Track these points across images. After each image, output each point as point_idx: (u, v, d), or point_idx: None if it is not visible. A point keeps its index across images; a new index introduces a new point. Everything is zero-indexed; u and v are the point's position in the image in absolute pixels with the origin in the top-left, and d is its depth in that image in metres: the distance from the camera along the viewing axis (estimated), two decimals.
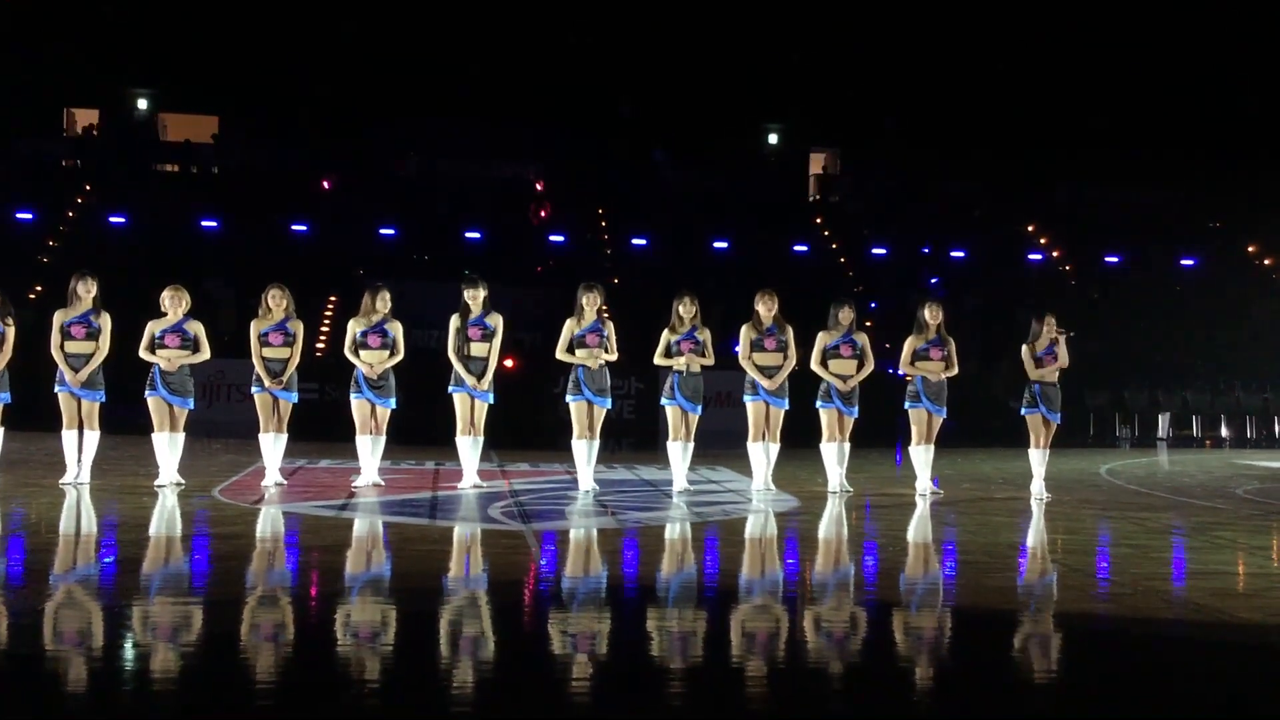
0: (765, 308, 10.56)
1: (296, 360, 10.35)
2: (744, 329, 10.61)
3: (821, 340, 10.60)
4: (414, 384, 12.09)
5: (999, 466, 13.93)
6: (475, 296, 10.35)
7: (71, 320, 10.04)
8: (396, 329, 10.43)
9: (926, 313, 10.67)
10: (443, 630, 5.52)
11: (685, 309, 10.49)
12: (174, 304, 10.14)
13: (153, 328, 10.12)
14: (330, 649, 5.15)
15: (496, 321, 10.38)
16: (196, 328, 10.19)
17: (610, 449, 11.68)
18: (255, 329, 10.32)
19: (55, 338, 10.02)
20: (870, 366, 10.65)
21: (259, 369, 10.29)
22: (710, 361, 10.55)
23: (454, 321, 10.34)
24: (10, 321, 10.08)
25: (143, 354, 10.10)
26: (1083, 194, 30.46)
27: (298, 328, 10.39)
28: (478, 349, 10.31)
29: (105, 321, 10.08)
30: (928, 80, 30.24)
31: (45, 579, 6.44)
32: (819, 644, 5.46)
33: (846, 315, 10.60)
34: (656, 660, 5.06)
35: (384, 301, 10.41)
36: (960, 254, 28.36)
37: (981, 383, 21.49)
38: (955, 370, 10.66)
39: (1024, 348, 10.72)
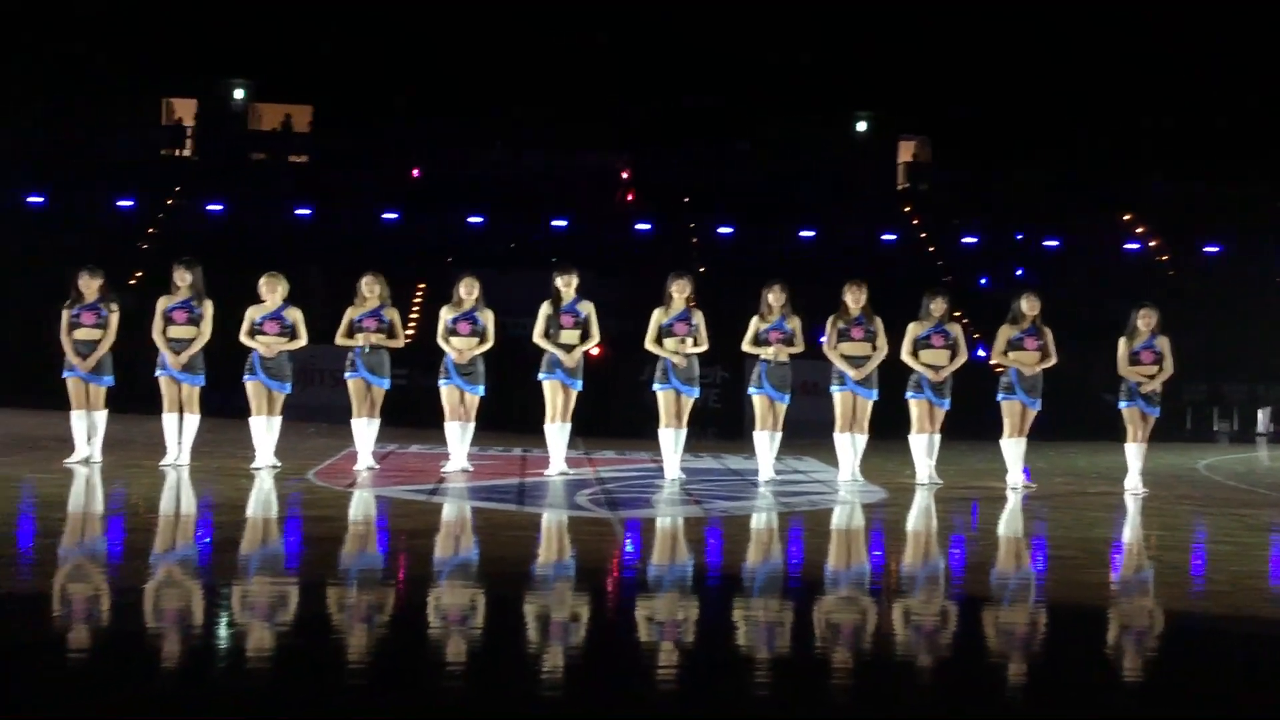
0: (853, 298, 10.46)
1: (397, 345, 10.51)
2: (830, 319, 10.53)
3: (912, 330, 10.47)
4: (502, 371, 12.19)
5: (1093, 461, 13.66)
6: (568, 283, 10.41)
7: (173, 306, 10.29)
8: (487, 317, 10.54)
9: (1024, 303, 10.47)
10: (530, 615, 5.57)
11: (775, 297, 10.44)
12: (271, 291, 10.34)
13: (252, 314, 10.34)
14: (420, 632, 5.23)
15: (588, 309, 10.42)
16: (294, 314, 10.39)
17: (695, 437, 11.67)
18: (349, 316, 10.49)
19: (157, 323, 10.27)
20: (963, 357, 10.50)
21: (350, 355, 10.46)
22: (799, 349, 10.50)
23: (544, 308, 10.41)
24: (114, 307, 10.36)
25: (243, 338, 10.32)
26: (1181, 183, 29.68)
27: (393, 315, 10.54)
28: (568, 336, 10.37)
29: (207, 308, 10.31)
30: (1021, 65, 29.68)
31: (145, 558, 6.62)
32: (906, 638, 5.41)
33: (939, 305, 10.46)
34: (741, 649, 5.06)
35: (469, 290, 10.50)
36: (1054, 243, 27.84)
37: (1075, 374, 21.06)
38: (1053, 360, 10.46)
39: (1121, 341, 10.49)
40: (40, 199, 25.06)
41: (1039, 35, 29.44)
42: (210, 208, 25.78)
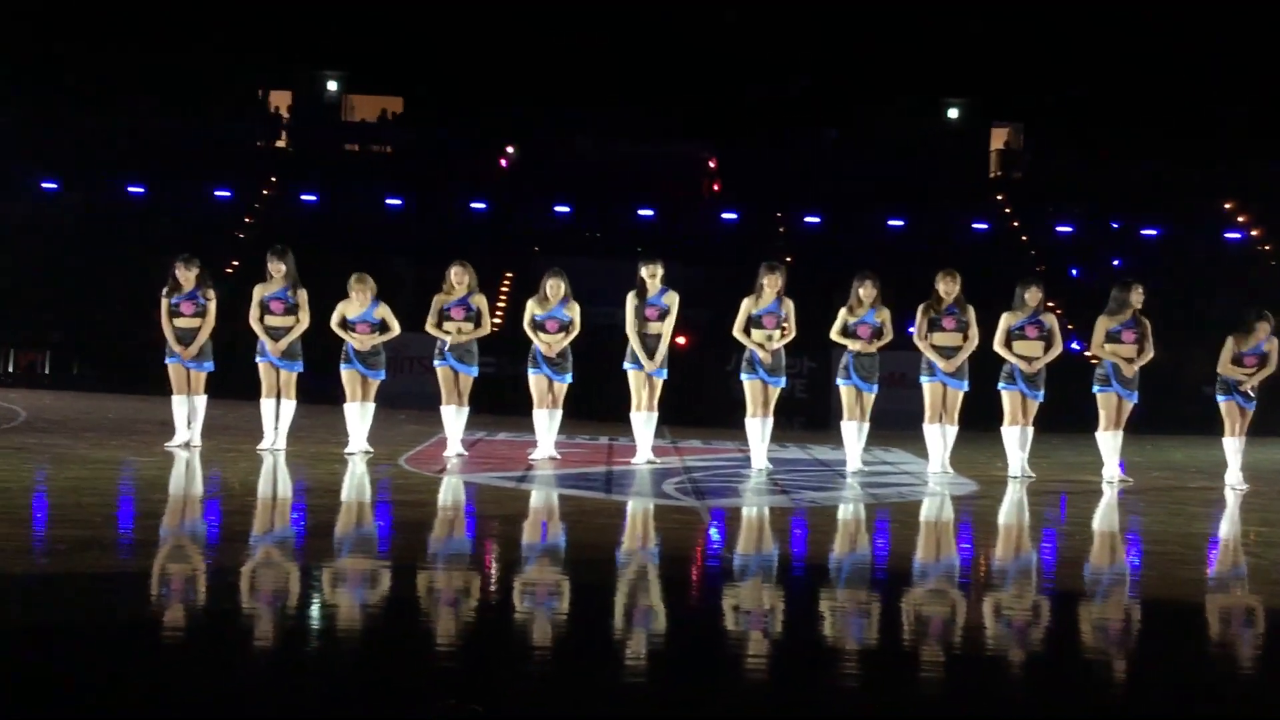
0: (945, 287, 10.32)
1: (483, 333, 10.61)
2: (921, 308, 10.40)
3: (1006, 321, 10.29)
4: (588, 360, 12.25)
5: (1191, 455, 13.34)
6: (654, 274, 10.41)
7: (270, 296, 10.51)
8: (574, 310, 10.59)
9: (1132, 294, 10.21)
10: (618, 602, 5.60)
11: (865, 292, 10.35)
12: (360, 293, 10.49)
13: (344, 310, 10.51)
14: (508, 616, 5.28)
15: (672, 300, 10.42)
16: (383, 312, 10.55)
17: (782, 428, 11.62)
18: (437, 304, 10.62)
19: (254, 311, 10.50)
20: (1058, 349, 10.30)
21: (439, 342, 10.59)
22: (889, 339, 10.41)
23: (630, 299, 10.42)
24: (210, 295, 10.61)
25: (334, 328, 10.52)
26: None
27: (480, 303, 10.64)
28: (654, 327, 10.37)
29: (302, 297, 10.51)
30: (1116, 50, 28.99)
31: (244, 540, 6.78)
32: (997, 631, 5.34)
33: (1034, 295, 10.26)
34: (828, 640, 5.03)
35: (555, 290, 10.54)
36: (1152, 232, 27.18)
37: (1172, 367, 20.56)
38: (1150, 355, 10.22)
39: (1229, 339, 10.22)
40: (141, 189, 25.73)
41: (1135, 17, 28.73)
42: (305, 198, 26.26)
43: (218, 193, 26.20)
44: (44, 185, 25.53)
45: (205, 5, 27.59)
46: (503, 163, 28.70)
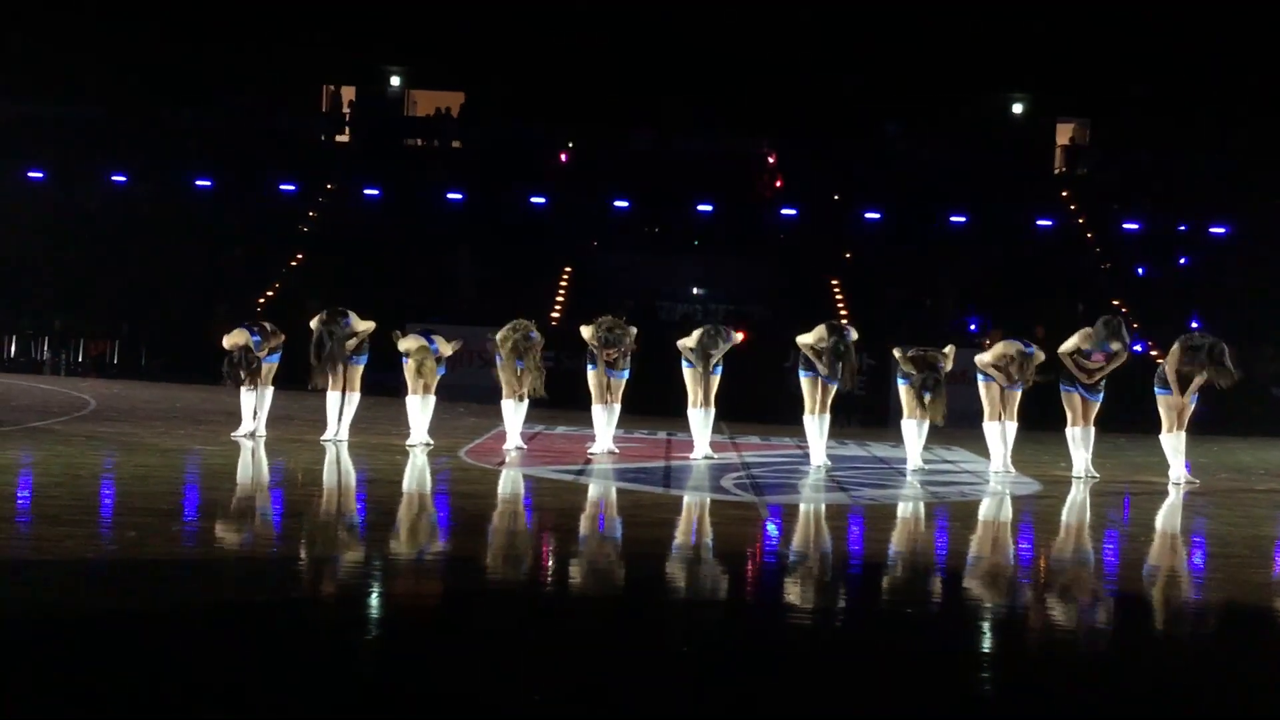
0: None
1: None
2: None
3: (1078, 341, 10.15)
4: (647, 356, 12.28)
5: (1259, 456, 13.09)
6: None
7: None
8: (630, 335, 10.68)
9: (1115, 341, 10.07)
10: (672, 594, 5.62)
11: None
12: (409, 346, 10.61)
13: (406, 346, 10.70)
14: (562, 604, 5.32)
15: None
16: (440, 343, 10.70)
17: (839, 424, 11.57)
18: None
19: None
20: (1122, 359, 10.19)
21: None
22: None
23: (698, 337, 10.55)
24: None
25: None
26: None
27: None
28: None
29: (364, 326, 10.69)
30: (1185, 43, 28.45)
31: (306, 528, 6.88)
32: (1058, 632, 5.29)
33: (1115, 344, 10.05)
34: (880, 638, 5.02)
35: (615, 335, 10.61)
36: (1221, 230, 26.67)
37: (1240, 367, 20.18)
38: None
39: None
40: (208, 183, 26.13)
41: (1203, 13, 28.18)
42: (367, 192, 26.52)
43: (282, 187, 26.52)
44: (114, 178, 26.01)
45: (270, 1, 27.94)
46: (562, 156, 28.79)
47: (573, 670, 4.34)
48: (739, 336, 10.93)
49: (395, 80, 30.18)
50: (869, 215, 26.85)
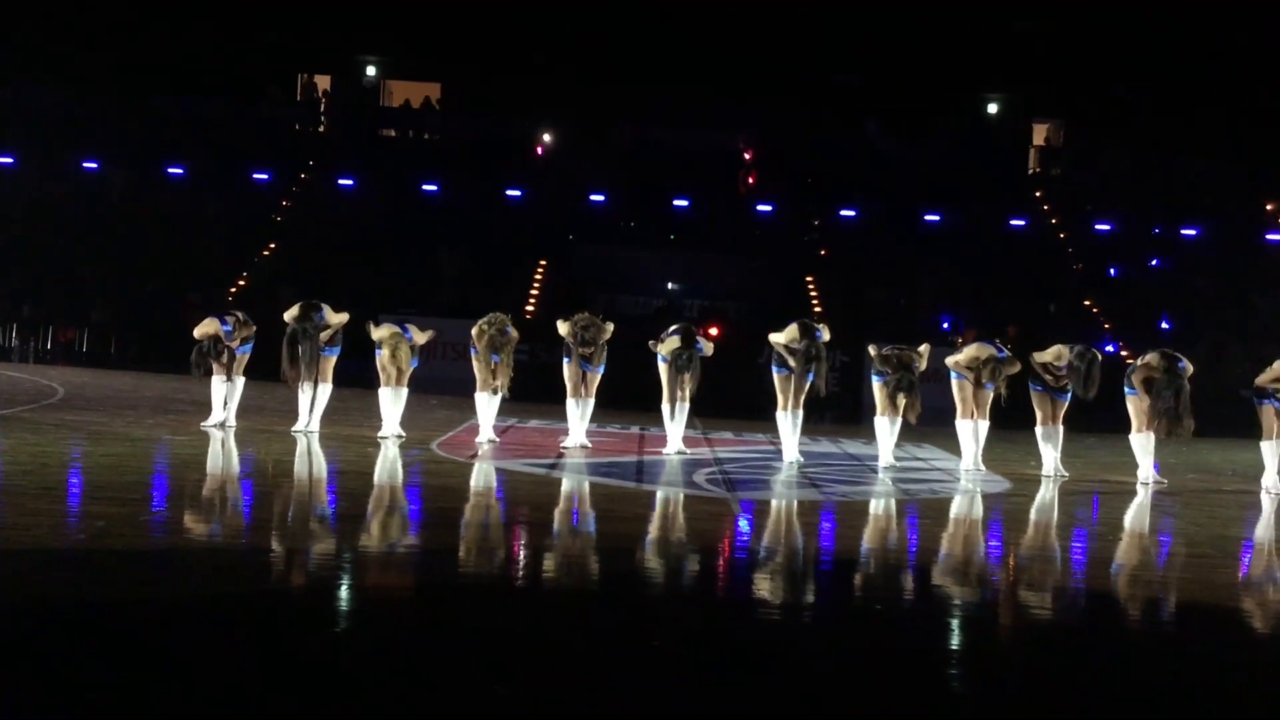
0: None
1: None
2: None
3: (1054, 354, 10.20)
4: (621, 351, 12.28)
5: (1228, 457, 13.20)
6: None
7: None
8: (606, 332, 10.68)
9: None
10: (643, 589, 5.62)
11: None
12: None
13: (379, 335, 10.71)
14: (533, 599, 5.31)
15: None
16: (416, 333, 10.73)
17: (812, 421, 11.60)
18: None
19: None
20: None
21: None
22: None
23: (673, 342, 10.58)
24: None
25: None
26: None
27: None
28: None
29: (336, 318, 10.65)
30: (1161, 46, 28.64)
31: (277, 520, 6.84)
32: (1021, 630, 5.32)
33: (1091, 388, 10.08)
34: (850, 633, 5.03)
35: (591, 334, 10.63)
36: (1192, 232, 26.88)
37: (1209, 368, 20.36)
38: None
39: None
40: (181, 171, 25.93)
41: (1178, 15, 28.37)
42: (341, 182, 26.38)
43: (256, 175, 26.35)
44: (85, 165, 25.77)
45: None
46: (539, 149, 28.72)
47: (542, 664, 4.34)
48: (709, 348, 10.86)
49: (371, 70, 30.03)
50: (845, 213, 26.93)
